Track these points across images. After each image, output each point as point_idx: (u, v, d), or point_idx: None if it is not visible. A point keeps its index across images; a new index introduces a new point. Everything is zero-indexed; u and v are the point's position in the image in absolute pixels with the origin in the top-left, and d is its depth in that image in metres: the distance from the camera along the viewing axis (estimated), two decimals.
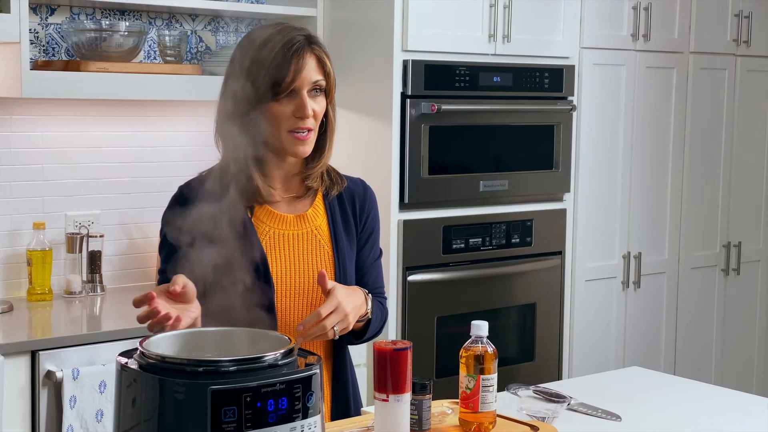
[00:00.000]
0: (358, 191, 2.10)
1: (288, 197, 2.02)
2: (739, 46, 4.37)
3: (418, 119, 3.37)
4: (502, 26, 3.54)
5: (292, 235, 1.99)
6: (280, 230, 1.98)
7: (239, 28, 3.60)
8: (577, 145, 3.87)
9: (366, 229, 2.09)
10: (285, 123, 1.92)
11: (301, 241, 1.99)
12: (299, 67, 1.91)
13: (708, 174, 4.35)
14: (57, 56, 3.24)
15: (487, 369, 1.81)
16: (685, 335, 4.33)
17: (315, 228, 2.01)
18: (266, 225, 1.98)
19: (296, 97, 1.92)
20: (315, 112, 1.94)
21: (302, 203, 2.03)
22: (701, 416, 2.18)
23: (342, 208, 2.05)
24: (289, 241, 1.98)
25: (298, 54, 1.91)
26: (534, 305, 3.79)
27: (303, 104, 1.92)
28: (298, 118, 1.92)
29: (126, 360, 1.49)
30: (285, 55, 1.90)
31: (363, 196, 2.10)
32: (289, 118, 1.92)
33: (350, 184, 2.09)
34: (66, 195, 3.31)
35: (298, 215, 2.01)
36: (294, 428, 1.45)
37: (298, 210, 2.02)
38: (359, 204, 2.08)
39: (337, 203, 2.05)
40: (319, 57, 1.95)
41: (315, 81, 1.94)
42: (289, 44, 1.91)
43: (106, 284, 3.35)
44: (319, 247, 2.01)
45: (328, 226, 2.02)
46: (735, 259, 4.47)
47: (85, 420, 2.75)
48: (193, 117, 3.50)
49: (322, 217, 2.03)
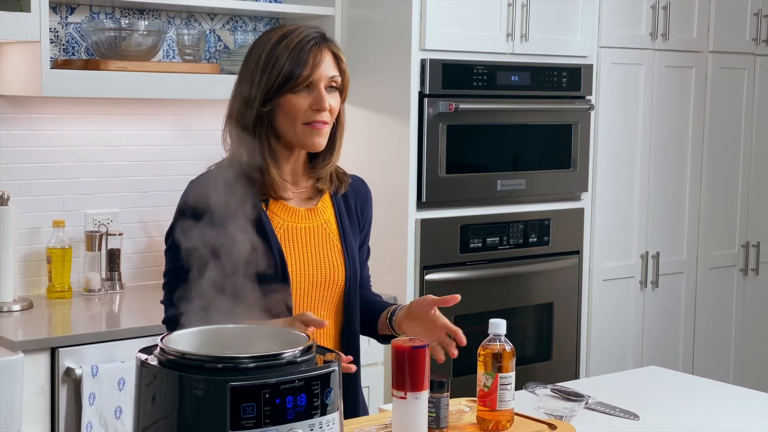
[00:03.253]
0: (361, 190, 2.13)
1: (299, 194, 2.03)
2: (758, 45, 4.34)
3: (435, 118, 3.37)
4: (520, 25, 3.54)
5: (304, 227, 2.00)
6: (292, 223, 2.00)
7: (257, 27, 3.61)
8: (595, 145, 3.86)
9: (365, 227, 2.13)
10: (301, 116, 1.94)
11: (313, 234, 2.01)
12: (317, 61, 1.93)
13: (726, 173, 4.33)
14: (76, 55, 3.26)
15: (504, 367, 1.81)
16: (703, 335, 4.32)
17: (324, 221, 2.03)
18: (280, 218, 1.99)
19: (313, 91, 1.93)
20: (331, 107, 1.96)
21: (311, 199, 2.04)
22: (719, 416, 2.18)
23: (347, 204, 2.08)
24: (302, 233, 2.00)
25: (315, 48, 1.93)
26: (551, 305, 3.78)
27: (321, 97, 1.93)
28: (315, 111, 1.93)
29: (146, 356, 1.50)
30: (303, 48, 1.92)
31: (365, 196, 2.13)
32: (305, 111, 1.93)
33: (353, 182, 2.11)
34: (85, 193, 3.33)
35: (309, 209, 2.03)
36: (312, 425, 1.46)
37: (308, 204, 2.03)
38: (361, 203, 2.11)
39: (342, 199, 2.08)
40: (336, 53, 1.98)
41: (331, 76, 1.96)
42: (306, 39, 1.94)
43: (125, 282, 3.36)
44: (330, 240, 2.02)
45: (336, 220, 2.05)
46: (754, 258, 4.45)
47: (104, 417, 2.77)
48: (211, 116, 3.50)
49: (330, 211, 2.05)
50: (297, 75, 1.91)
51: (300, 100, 1.93)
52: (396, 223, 3.38)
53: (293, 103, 1.93)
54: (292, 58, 1.91)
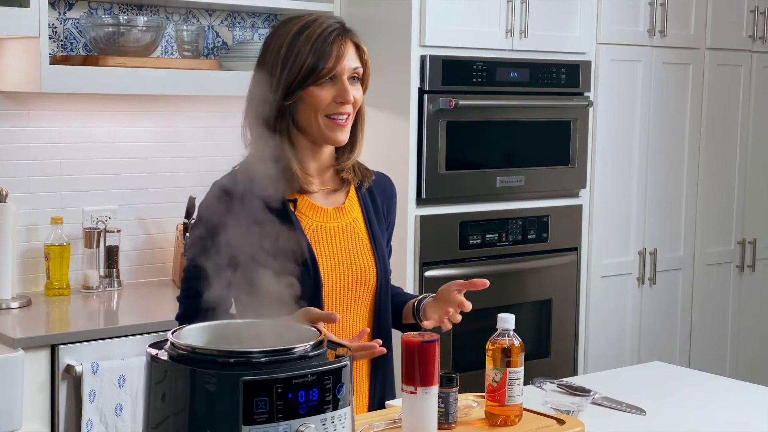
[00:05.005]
0: (386, 185, 2.10)
1: (325, 189, 2.00)
2: (755, 42, 4.35)
3: (435, 114, 3.37)
4: (519, 22, 3.53)
5: (333, 227, 1.98)
6: (321, 223, 1.97)
7: (256, 23, 3.60)
8: (594, 141, 3.86)
9: (391, 223, 2.10)
10: (324, 109, 1.91)
11: (342, 234, 1.98)
12: (341, 53, 1.90)
13: (723, 170, 4.34)
14: (75, 51, 3.24)
15: (513, 362, 1.81)
16: (700, 331, 4.32)
17: (352, 220, 2.00)
18: (309, 218, 1.96)
19: (337, 83, 1.91)
20: (354, 99, 1.93)
21: (338, 195, 2.01)
22: (725, 410, 2.18)
23: (373, 200, 2.05)
24: (331, 233, 1.97)
25: (339, 40, 1.90)
26: (550, 301, 3.78)
27: (344, 89, 1.91)
28: (338, 104, 1.91)
29: (156, 351, 1.48)
30: (326, 39, 1.89)
31: (390, 192, 2.11)
32: (329, 103, 1.91)
33: (377, 178, 2.09)
34: (83, 190, 3.31)
35: (337, 207, 2.00)
36: (324, 420, 1.45)
37: (335, 202, 2.00)
38: (387, 198, 2.09)
39: (368, 196, 2.05)
40: (358, 45, 1.95)
41: (354, 68, 1.93)
42: (328, 30, 1.91)
43: (123, 279, 3.34)
44: (358, 239, 2.00)
45: (363, 218, 2.02)
46: (750, 255, 4.46)
47: (104, 414, 2.75)
48: (210, 112, 3.50)
49: (357, 209, 2.02)
50: (321, 67, 1.88)
51: (323, 93, 1.90)
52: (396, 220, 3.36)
53: (316, 96, 1.90)
54: (315, 50, 1.88)
